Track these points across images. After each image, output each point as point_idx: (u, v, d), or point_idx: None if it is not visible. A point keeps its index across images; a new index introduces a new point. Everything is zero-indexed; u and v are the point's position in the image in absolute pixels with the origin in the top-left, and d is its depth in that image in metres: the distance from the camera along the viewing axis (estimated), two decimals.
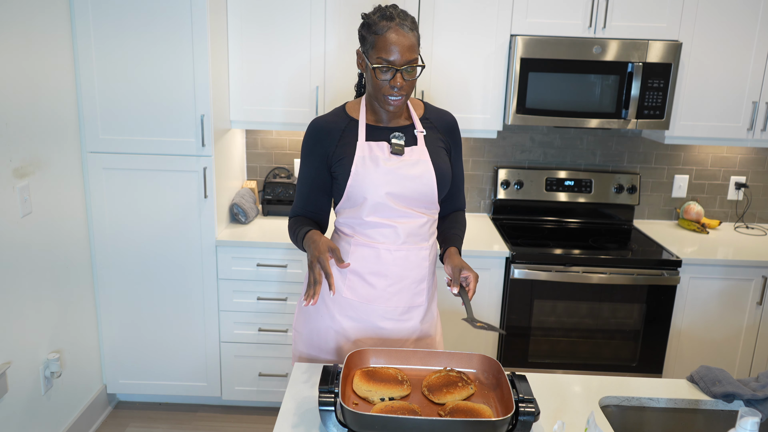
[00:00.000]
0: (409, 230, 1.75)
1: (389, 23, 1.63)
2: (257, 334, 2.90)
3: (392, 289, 1.77)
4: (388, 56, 1.62)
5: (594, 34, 2.82)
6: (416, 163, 1.73)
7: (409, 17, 1.67)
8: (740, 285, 2.85)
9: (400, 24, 1.63)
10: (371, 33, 1.65)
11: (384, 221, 1.73)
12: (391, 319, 1.79)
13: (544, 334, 2.88)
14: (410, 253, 1.76)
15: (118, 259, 2.80)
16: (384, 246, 1.74)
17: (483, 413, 1.40)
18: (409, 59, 1.63)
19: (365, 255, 1.76)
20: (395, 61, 1.62)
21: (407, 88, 1.67)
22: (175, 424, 2.94)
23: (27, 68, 2.30)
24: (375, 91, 1.69)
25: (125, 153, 2.69)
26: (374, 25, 1.64)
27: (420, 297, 1.81)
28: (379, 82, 1.66)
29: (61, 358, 2.60)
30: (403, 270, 1.76)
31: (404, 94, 1.67)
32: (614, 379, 1.70)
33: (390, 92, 1.66)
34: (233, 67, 2.86)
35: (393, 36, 1.62)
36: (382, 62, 1.63)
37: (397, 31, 1.62)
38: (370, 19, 1.67)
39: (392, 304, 1.78)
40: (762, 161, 3.32)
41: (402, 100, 1.69)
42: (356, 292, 1.78)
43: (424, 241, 1.79)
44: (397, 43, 1.61)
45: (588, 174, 3.26)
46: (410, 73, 1.65)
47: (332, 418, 1.38)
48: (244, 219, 2.99)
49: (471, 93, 2.90)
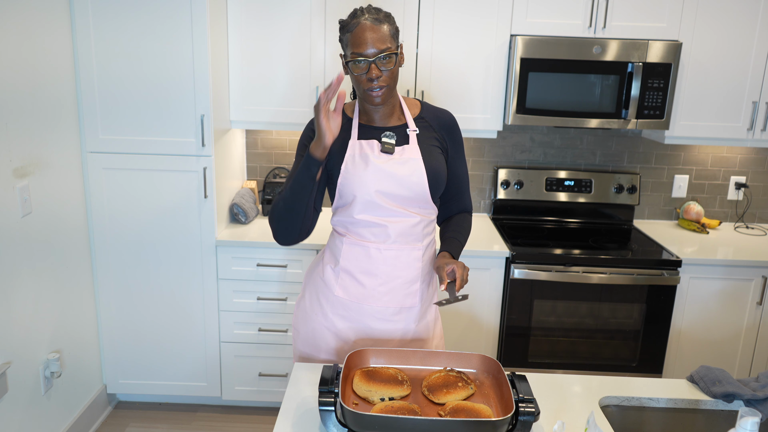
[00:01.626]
0: (400, 230, 1.74)
1: (359, 19, 1.66)
2: (257, 334, 2.90)
3: (382, 288, 1.76)
4: (360, 49, 1.64)
5: (594, 34, 2.82)
6: (406, 161, 1.73)
7: (382, 12, 1.69)
8: (740, 285, 2.85)
9: (370, 18, 1.65)
10: (345, 33, 1.69)
11: (374, 219, 1.73)
12: (382, 320, 1.78)
13: (544, 334, 2.88)
14: (401, 252, 1.76)
15: (117, 259, 2.81)
16: (374, 245, 1.75)
17: (483, 413, 1.40)
18: (381, 49, 1.64)
19: (356, 253, 1.76)
20: (367, 53, 1.64)
21: (387, 79, 1.67)
22: (175, 424, 2.94)
23: (28, 70, 2.30)
24: (357, 89, 1.71)
25: (125, 153, 2.69)
26: (347, 25, 1.68)
27: (412, 298, 1.79)
28: (357, 78, 1.67)
29: (61, 358, 2.60)
30: (393, 269, 1.76)
31: (384, 86, 1.67)
32: (614, 379, 1.70)
33: (369, 85, 1.66)
34: (233, 67, 2.86)
35: (362, 29, 1.64)
36: (356, 55, 1.64)
37: (366, 25, 1.64)
38: (343, 21, 1.71)
39: (383, 304, 1.77)
40: (762, 161, 3.32)
41: (384, 93, 1.68)
42: (348, 291, 1.78)
43: (417, 241, 1.78)
44: (368, 36, 1.63)
45: (588, 174, 3.26)
46: (385, 63, 1.65)
47: (332, 418, 1.38)
48: (244, 219, 2.99)
49: (471, 93, 2.90)
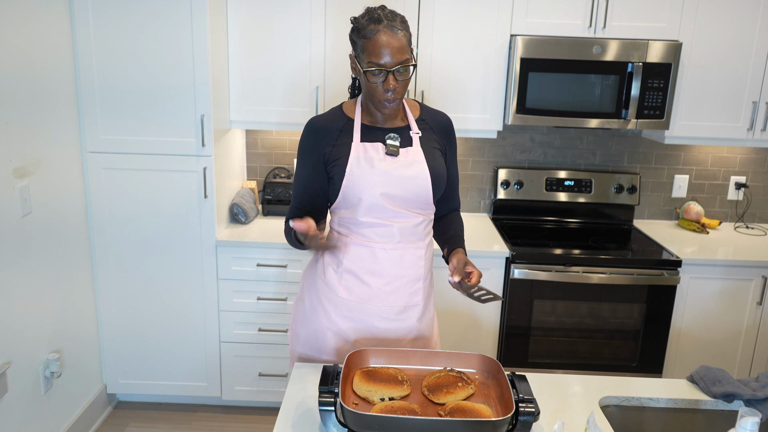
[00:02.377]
0: (404, 230, 1.75)
1: (377, 26, 1.61)
2: (257, 334, 2.90)
3: (388, 288, 1.77)
4: (379, 59, 1.61)
5: (594, 34, 2.82)
6: (411, 164, 1.72)
7: (398, 17, 1.65)
8: (740, 285, 2.85)
9: (389, 26, 1.61)
10: (361, 37, 1.64)
11: (379, 221, 1.73)
12: (387, 319, 1.79)
13: (544, 334, 2.88)
14: (406, 252, 1.76)
15: (117, 259, 2.80)
16: (379, 245, 1.74)
17: (483, 413, 1.40)
18: (400, 60, 1.62)
19: (361, 254, 1.76)
20: (386, 63, 1.61)
21: (401, 89, 1.66)
22: (175, 424, 2.94)
23: (27, 69, 2.30)
24: (369, 95, 1.69)
25: (125, 153, 2.69)
26: (363, 29, 1.63)
27: (416, 296, 1.80)
28: (372, 86, 1.65)
29: (61, 358, 2.60)
30: (398, 269, 1.76)
31: (398, 97, 1.67)
32: (614, 379, 1.70)
33: (384, 96, 1.65)
34: (233, 67, 2.86)
35: (382, 39, 1.60)
36: (374, 66, 1.61)
37: (386, 33, 1.60)
38: (358, 23, 1.65)
39: (388, 304, 1.78)
40: (762, 161, 3.32)
41: (397, 103, 1.68)
42: (352, 292, 1.78)
43: (419, 240, 1.79)
44: (387, 46, 1.60)
45: (588, 174, 3.26)
46: (402, 74, 1.64)
47: (332, 418, 1.37)
48: (244, 219, 2.99)
49: (471, 93, 2.90)
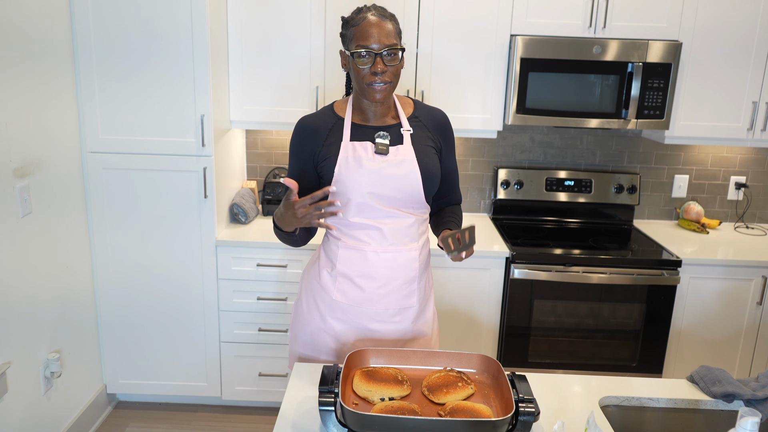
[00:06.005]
0: (395, 231, 1.73)
1: (364, 15, 1.65)
2: (257, 334, 2.90)
3: (382, 291, 1.76)
4: (367, 42, 1.63)
5: (594, 34, 2.82)
6: (401, 162, 1.71)
7: (387, 11, 1.69)
8: (740, 285, 2.85)
9: (376, 14, 1.65)
10: (350, 27, 1.67)
11: (369, 222, 1.72)
12: (382, 321, 1.78)
13: (544, 334, 2.88)
14: (398, 254, 1.75)
15: (117, 259, 2.80)
16: (371, 248, 1.73)
17: (483, 413, 1.40)
18: (387, 44, 1.63)
19: (353, 257, 1.75)
20: (374, 46, 1.62)
21: (390, 75, 1.66)
22: (175, 424, 2.94)
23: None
24: (359, 83, 1.68)
25: (125, 153, 2.69)
26: (351, 20, 1.68)
27: (411, 298, 1.79)
28: (360, 71, 1.65)
29: (61, 358, 2.60)
30: (391, 271, 1.75)
31: (388, 81, 1.66)
32: (614, 379, 1.70)
33: (372, 79, 1.64)
34: (233, 66, 2.86)
35: (371, 21, 1.63)
36: (362, 47, 1.63)
37: (374, 19, 1.64)
38: (348, 17, 1.70)
39: (382, 306, 1.77)
40: (762, 161, 3.32)
41: (387, 89, 1.67)
42: (346, 295, 1.77)
43: (412, 241, 1.77)
44: (375, 29, 1.63)
45: (588, 174, 3.26)
46: (391, 59, 1.65)
47: (332, 418, 1.37)
48: (244, 219, 2.99)
49: (471, 93, 2.90)
